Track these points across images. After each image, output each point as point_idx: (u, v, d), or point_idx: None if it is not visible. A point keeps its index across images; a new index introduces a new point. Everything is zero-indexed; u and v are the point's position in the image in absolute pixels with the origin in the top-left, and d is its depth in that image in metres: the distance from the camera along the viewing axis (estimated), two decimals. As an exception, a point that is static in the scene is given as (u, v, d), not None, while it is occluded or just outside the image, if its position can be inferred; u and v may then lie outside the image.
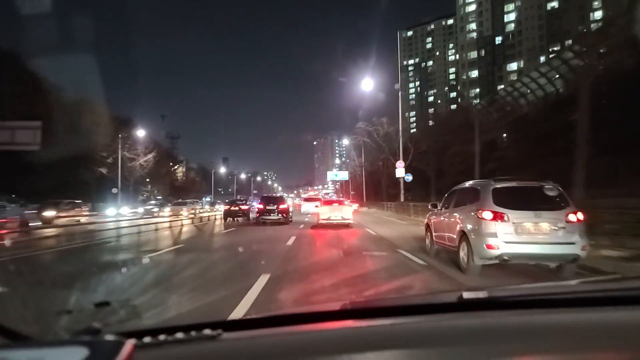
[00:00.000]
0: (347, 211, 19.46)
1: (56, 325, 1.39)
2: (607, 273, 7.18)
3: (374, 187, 57.95)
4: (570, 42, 55.58)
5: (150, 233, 17.28)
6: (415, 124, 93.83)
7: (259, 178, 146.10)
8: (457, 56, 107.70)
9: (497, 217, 7.06)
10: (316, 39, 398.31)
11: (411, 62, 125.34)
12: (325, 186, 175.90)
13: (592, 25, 69.39)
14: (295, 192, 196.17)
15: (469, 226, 7.57)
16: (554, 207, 7.11)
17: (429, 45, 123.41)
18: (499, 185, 7.48)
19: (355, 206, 39.60)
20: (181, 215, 23.42)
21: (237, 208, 25.07)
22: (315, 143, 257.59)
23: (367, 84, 27.29)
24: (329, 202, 21.38)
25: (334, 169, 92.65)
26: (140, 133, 45.02)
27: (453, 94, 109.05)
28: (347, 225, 18.85)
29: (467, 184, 8.94)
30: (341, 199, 29.94)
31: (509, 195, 7.30)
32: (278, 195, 41.91)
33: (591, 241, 7.67)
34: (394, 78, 70.31)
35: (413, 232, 15.57)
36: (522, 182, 7.64)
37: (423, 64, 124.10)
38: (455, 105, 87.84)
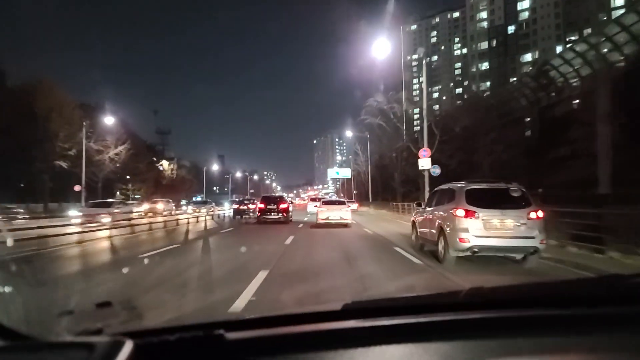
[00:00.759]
0: (345, 211, 19.73)
1: (58, 326, 1.30)
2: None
3: (382, 185, 51.05)
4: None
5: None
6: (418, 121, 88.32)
7: (256, 177, 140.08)
8: (465, 49, 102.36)
9: (469, 214, 8.17)
10: (317, 34, 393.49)
11: (415, 57, 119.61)
12: (326, 186, 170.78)
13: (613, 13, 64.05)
14: (295, 191, 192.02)
15: (446, 223, 8.75)
16: (517, 206, 8.24)
17: (433, 40, 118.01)
18: (471, 187, 8.68)
19: (355, 206, 41.01)
20: (102, 222, 16.65)
21: (245, 207, 30.41)
22: (315, 142, 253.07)
23: (378, 49, 20.73)
24: (328, 203, 21.67)
25: (335, 167, 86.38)
26: (109, 121, 37.56)
27: (459, 90, 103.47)
28: (345, 225, 19.01)
29: (446, 185, 9.96)
30: (342, 199, 29.84)
31: (479, 196, 8.42)
32: (277, 195, 42.01)
33: None
34: (396, 77, 64.93)
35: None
36: (491, 184, 8.91)
37: (427, 59, 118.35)
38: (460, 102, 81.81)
